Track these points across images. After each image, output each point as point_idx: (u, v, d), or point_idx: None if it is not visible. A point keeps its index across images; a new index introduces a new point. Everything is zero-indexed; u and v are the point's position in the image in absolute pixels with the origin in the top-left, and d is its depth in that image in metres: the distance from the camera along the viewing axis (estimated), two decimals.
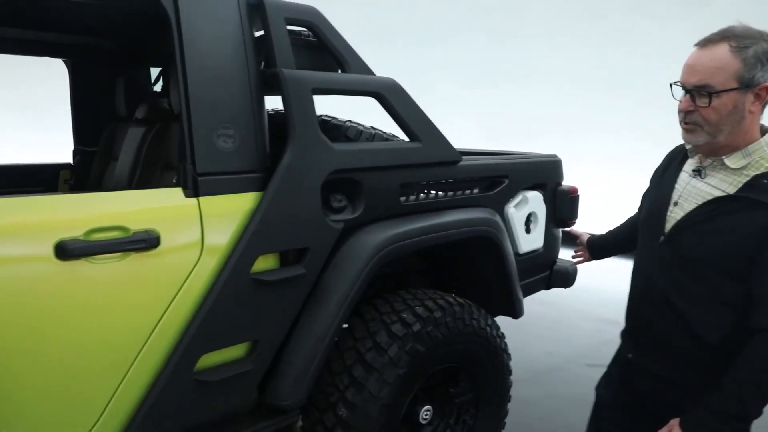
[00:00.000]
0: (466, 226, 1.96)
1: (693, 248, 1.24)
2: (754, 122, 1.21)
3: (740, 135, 1.21)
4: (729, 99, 1.16)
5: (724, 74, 1.15)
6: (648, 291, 1.35)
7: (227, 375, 1.44)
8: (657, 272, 1.31)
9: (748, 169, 1.21)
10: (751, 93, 1.17)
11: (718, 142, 1.22)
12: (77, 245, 1.19)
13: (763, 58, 1.14)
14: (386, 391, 1.66)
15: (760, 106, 1.19)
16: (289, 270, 1.53)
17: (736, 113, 1.17)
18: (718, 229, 1.20)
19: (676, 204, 1.31)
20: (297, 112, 1.55)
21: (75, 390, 1.25)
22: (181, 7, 1.36)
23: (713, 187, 1.24)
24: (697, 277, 1.24)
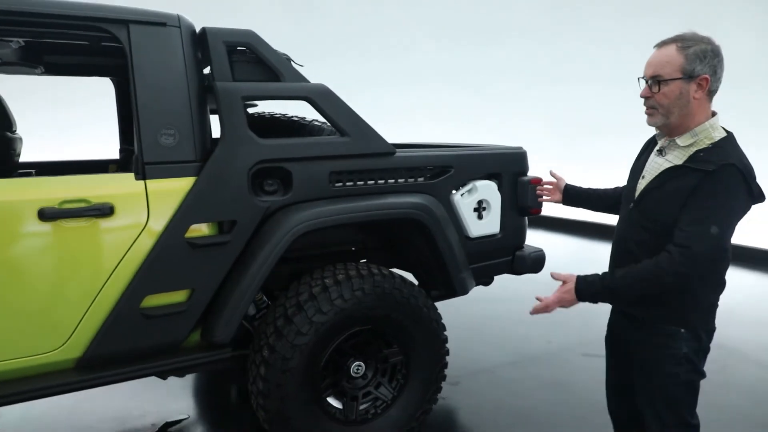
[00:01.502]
0: (390, 208, 2.28)
1: (651, 209, 1.60)
2: (701, 108, 1.54)
3: (689, 117, 1.54)
4: (675, 86, 1.52)
5: (671, 67, 1.52)
6: (622, 248, 1.71)
7: (166, 312, 1.94)
8: (629, 231, 1.68)
9: (693, 146, 1.55)
10: (694, 83, 1.51)
11: (672, 123, 1.57)
12: (52, 211, 1.75)
13: (701, 55, 1.49)
14: (300, 339, 2.06)
15: (703, 94, 1.52)
16: (216, 237, 1.99)
17: (682, 98, 1.52)
18: (667, 191, 1.55)
19: (643, 177, 1.67)
20: (227, 114, 2.00)
21: (54, 313, 1.81)
22: (132, 38, 1.87)
23: (668, 161, 1.59)
24: (654, 233, 1.58)
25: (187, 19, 2.03)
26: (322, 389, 2.22)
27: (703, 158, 1.50)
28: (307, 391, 2.12)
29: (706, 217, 1.46)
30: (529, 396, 3.00)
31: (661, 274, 1.50)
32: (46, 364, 1.82)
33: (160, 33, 1.91)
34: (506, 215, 2.74)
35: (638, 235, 1.64)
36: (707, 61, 1.50)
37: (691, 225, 1.48)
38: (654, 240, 1.58)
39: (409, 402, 2.38)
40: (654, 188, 1.60)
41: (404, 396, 2.38)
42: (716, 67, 1.52)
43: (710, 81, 1.51)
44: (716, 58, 1.52)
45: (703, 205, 1.47)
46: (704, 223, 1.46)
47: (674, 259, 1.47)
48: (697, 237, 1.46)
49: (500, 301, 4.61)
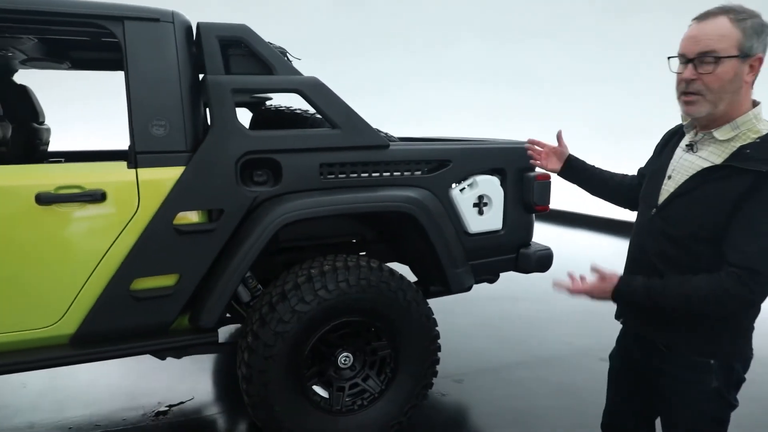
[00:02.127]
0: (378, 201, 2.27)
1: (680, 218, 1.33)
2: (747, 93, 1.29)
3: (736, 106, 1.28)
4: (730, 66, 1.24)
5: (728, 41, 1.23)
6: (639, 258, 1.45)
7: (154, 295, 2.03)
8: (648, 241, 1.41)
9: (735, 141, 1.28)
10: (747, 63, 1.25)
11: (718, 112, 1.29)
12: (48, 195, 1.87)
13: (759, 30, 1.23)
14: (282, 327, 2.10)
15: (752, 78, 1.27)
16: (202, 225, 2.06)
17: (735, 81, 1.25)
18: (704, 196, 1.28)
19: (669, 177, 1.40)
20: (216, 106, 2.07)
21: (50, 292, 1.94)
22: (126, 34, 1.96)
23: (703, 159, 1.32)
24: (682, 246, 1.32)
25: (182, 16, 2.10)
26: (307, 377, 2.25)
27: (753, 156, 1.23)
28: (290, 379, 2.16)
29: (763, 224, 1.21)
30: (531, 398, 2.91)
31: (724, 298, 1.24)
32: (42, 339, 1.96)
33: (153, 28, 2.00)
34: (510, 211, 2.67)
35: (661, 246, 1.38)
36: (763, 38, 1.24)
37: (754, 241, 1.21)
38: (680, 254, 1.34)
39: (396, 396, 2.38)
40: (685, 192, 1.33)
41: (392, 390, 2.37)
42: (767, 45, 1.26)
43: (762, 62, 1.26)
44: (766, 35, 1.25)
45: (759, 213, 1.21)
46: (763, 233, 1.21)
47: (742, 282, 1.21)
48: (757, 248, 1.21)
49: (524, 300, 4.51)
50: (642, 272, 1.42)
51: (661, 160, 1.49)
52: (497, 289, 4.49)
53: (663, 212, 1.39)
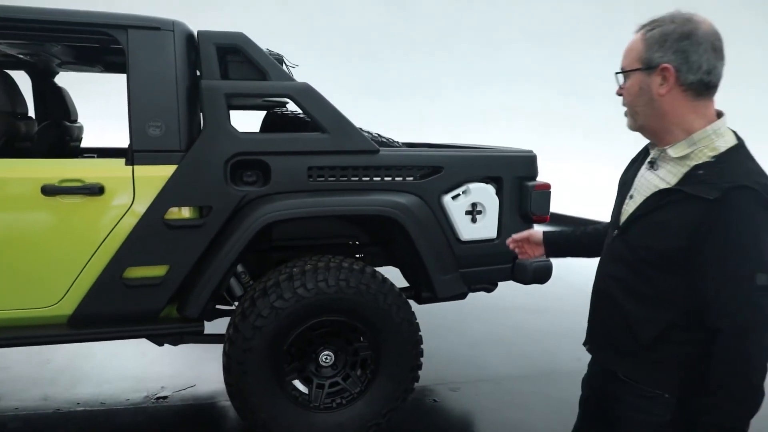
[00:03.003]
0: (361, 205, 2.33)
1: (637, 242, 1.23)
2: (681, 107, 1.17)
3: (663, 120, 1.19)
4: (636, 79, 1.19)
5: (632, 55, 1.20)
6: (599, 281, 1.36)
7: (144, 284, 2.18)
8: (608, 263, 1.32)
9: (690, 159, 1.17)
10: (657, 74, 1.16)
11: (646, 127, 1.23)
12: (52, 187, 2.06)
13: (662, 40, 1.14)
14: (260, 321, 2.19)
15: (671, 89, 1.15)
16: (190, 220, 2.19)
17: (643, 95, 1.18)
18: (658, 223, 1.18)
19: (631, 197, 1.30)
20: (209, 110, 2.20)
21: (52, 274, 2.12)
22: (129, 41, 2.13)
23: (660, 178, 1.22)
24: (638, 272, 1.23)
25: (182, 25, 2.25)
26: (287, 372, 2.33)
27: (704, 179, 1.12)
28: (267, 372, 2.24)
29: (734, 265, 1.09)
30: (527, 411, 2.86)
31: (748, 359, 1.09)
32: (43, 317, 2.15)
33: (154, 36, 2.15)
34: (506, 220, 2.64)
35: (619, 273, 1.27)
36: (669, 46, 1.13)
37: (722, 284, 1.10)
38: (636, 281, 1.23)
39: (375, 398, 2.41)
40: (642, 214, 1.23)
41: (371, 391, 2.41)
42: (688, 52, 1.12)
43: (678, 71, 1.13)
44: (686, 40, 1.12)
45: (725, 250, 1.09)
46: (740, 275, 1.09)
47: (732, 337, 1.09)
48: (740, 296, 1.09)
49: (539, 313, 4.41)
50: (599, 297, 1.36)
51: (627, 177, 1.37)
52: (512, 300, 4.44)
53: (623, 235, 1.28)
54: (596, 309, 1.38)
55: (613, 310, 1.29)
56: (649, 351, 1.22)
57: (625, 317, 1.25)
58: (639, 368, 1.26)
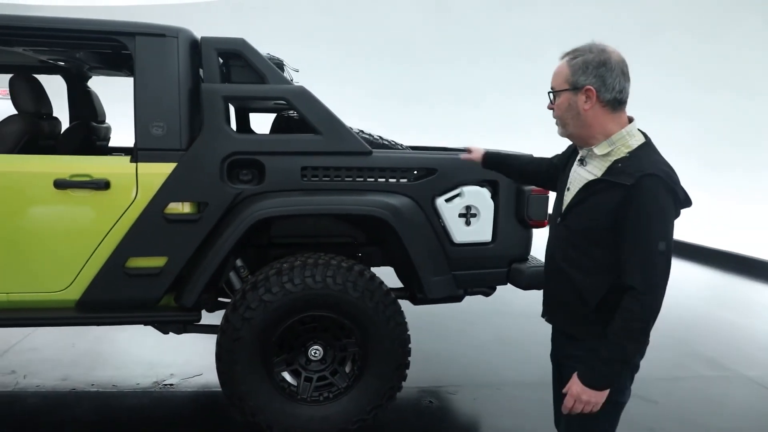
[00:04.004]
0: (349, 205, 2.39)
1: (576, 225, 1.52)
2: (601, 118, 1.47)
3: (588, 128, 1.49)
4: (564, 98, 1.50)
5: (560, 78, 1.50)
6: (551, 263, 1.65)
7: (143, 273, 2.33)
8: (556, 247, 1.61)
9: (611, 155, 1.47)
10: (582, 94, 1.46)
11: (573, 134, 1.54)
12: (63, 181, 2.24)
13: (584, 67, 1.45)
14: (249, 314, 2.29)
15: (593, 105, 1.46)
16: (187, 215, 2.33)
17: (571, 110, 1.49)
18: (590, 207, 1.48)
19: (568, 189, 1.59)
20: (208, 111, 2.33)
21: (62, 261, 2.31)
22: (137, 47, 2.29)
23: (589, 172, 1.51)
24: (581, 249, 1.51)
25: (187, 31, 2.39)
26: (275, 364, 2.42)
27: (621, 170, 1.42)
28: (256, 362, 2.34)
29: (644, 236, 1.38)
30: (523, 419, 2.83)
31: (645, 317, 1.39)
32: (54, 301, 2.33)
33: (159, 42, 2.31)
34: (502, 224, 2.64)
35: (566, 252, 1.56)
36: (590, 72, 1.44)
37: (635, 251, 1.39)
38: (579, 256, 1.52)
39: (362, 394, 2.46)
40: (578, 202, 1.52)
41: (358, 387, 2.46)
42: (605, 77, 1.44)
43: (598, 92, 1.44)
44: (603, 67, 1.44)
45: (637, 225, 1.39)
46: (647, 243, 1.38)
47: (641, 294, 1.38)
48: (648, 262, 1.38)
49: None
50: (552, 274, 1.64)
51: (564, 173, 1.66)
52: (522, 306, 4.36)
53: (565, 221, 1.57)
54: (550, 284, 1.67)
55: (564, 282, 1.57)
56: (595, 312, 1.49)
57: (574, 287, 1.53)
58: (587, 327, 1.53)
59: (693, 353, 3.88)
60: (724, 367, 3.67)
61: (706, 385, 3.37)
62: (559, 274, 1.58)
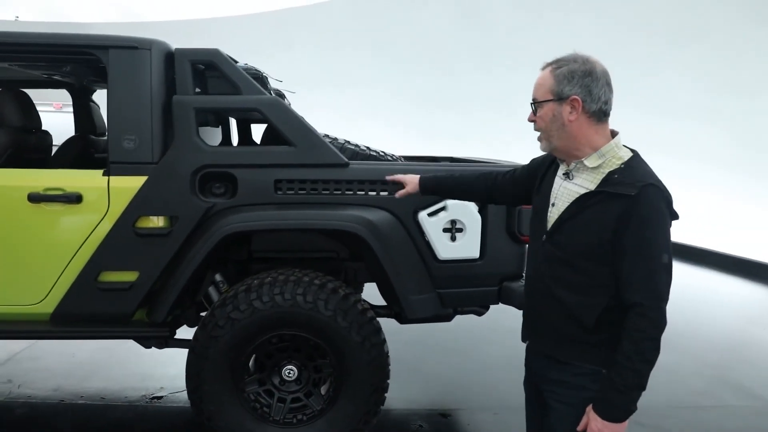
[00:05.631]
0: (324, 220, 2.30)
1: (569, 242, 1.44)
2: (587, 130, 1.43)
3: (573, 140, 1.44)
4: (548, 109, 1.44)
5: (543, 89, 1.45)
6: (536, 282, 1.55)
7: (115, 287, 2.30)
8: (542, 266, 1.51)
9: (603, 167, 1.42)
10: (567, 104, 1.41)
11: (558, 147, 1.47)
12: (37, 195, 2.25)
13: (570, 76, 1.40)
14: (217, 331, 2.22)
15: (578, 116, 1.41)
16: (157, 229, 2.29)
17: (555, 121, 1.44)
18: (585, 221, 1.41)
19: (553, 205, 1.51)
20: (179, 123, 2.29)
21: (37, 275, 2.31)
22: (110, 60, 2.28)
23: (579, 186, 1.45)
24: (573, 267, 1.43)
25: (161, 44, 2.37)
26: (246, 383, 2.34)
27: (620, 180, 1.37)
28: (224, 382, 2.26)
29: (649, 247, 1.34)
30: None
31: (655, 334, 1.33)
32: (29, 314, 2.34)
33: (131, 55, 2.29)
34: (491, 240, 2.48)
35: (555, 271, 1.47)
36: (576, 81, 1.40)
37: (639, 263, 1.34)
38: (570, 273, 1.44)
39: (337, 417, 2.34)
40: (569, 217, 1.44)
41: (333, 411, 2.35)
42: (590, 87, 1.40)
43: (584, 102, 1.39)
44: (588, 77, 1.39)
45: (641, 236, 1.34)
46: (652, 255, 1.34)
47: (649, 310, 1.32)
48: (654, 275, 1.33)
49: None
50: (537, 294, 1.54)
51: (543, 189, 1.57)
52: None
53: (552, 238, 1.48)
54: (534, 305, 1.57)
55: (551, 303, 1.48)
56: (591, 334, 1.42)
57: (564, 308, 1.45)
58: (580, 350, 1.45)
59: (723, 380, 3.55)
60: (755, 397, 3.33)
61: (732, 417, 3.06)
62: (546, 296, 1.49)
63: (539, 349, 1.56)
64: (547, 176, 1.58)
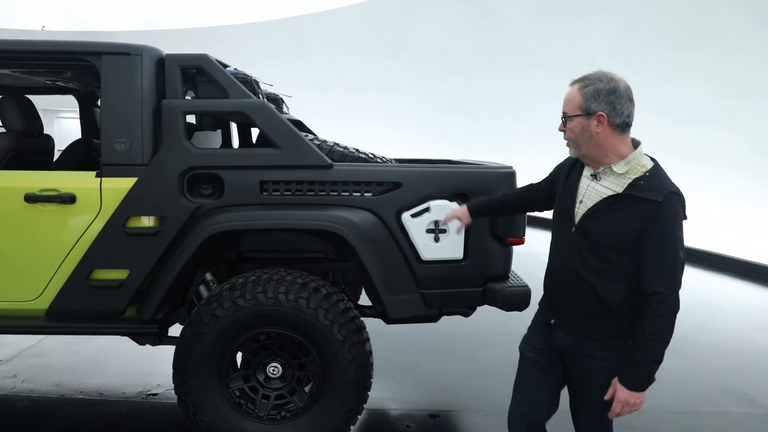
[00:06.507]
0: (307, 220, 2.34)
1: (598, 235, 1.67)
2: (612, 140, 1.66)
3: (600, 149, 1.67)
4: (577, 122, 1.67)
5: (573, 104, 1.68)
6: (565, 270, 1.77)
7: (106, 285, 2.38)
8: (572, 255, 1.74)
9: (630, 174, 1.65)
10: (594, 119, 1.64)
11: (586, 154, 1.71)
12: (33, 195, 2.34)
13: (596, 95, 1.63)
14: (201, 328, 2.28)
15: (604, 128, 1.64)
16: (146, 228, 2.36)
17: (584, 133, 1.67)
18: (614, 219, 1.64)
19: (581, 202, 1.74)
20: (168, 126, 2.36)
21: (33, 272, 2.40)
22: (103, 65, 2.37)
23: (606, 188, 1.68)
24: (601, 256, 1.67)
25: (153, 50, 2.45)
26: (231, 379, 2.39)
27: (647, 187, 1.61)
28: (209, 377, 2.32)
29: (671, 246, 1.59)
30: None
31: (672, 318, 1.59)
32: (26, 309, 2.43)
33: (124, 61, 2.37)
34: (475, 241, 2.49)
35: (585, 260, 1.70)
36: (602, 99, 1.62)
37: (663, 259, 1.58)
38: (598, 262, 1.67)
39: (319, 416, 2.37)
40: (598, 215, 1.67)
41: (316, 409, 2.38)
42: (614, 103, 1.62)
43: (609, 117, 1.62)
44: (613, 95, 1.62)
45: (665, 236, 1.59)
46: (673, 252, 1.59)
47: (668, 297, 1.58)
48: (674, 269, 1.59)
49: None
50: (567, 280, 1.76)
51: (569, 185, 1.81)
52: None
53: (582, 231, 1.71)
54: (563, 288, 1.79)
55: (581, 287, 1.71)
56: (614, 313, 1.67)
57: (594, 290, 1.68)
58: (607, 327, 1.70)
59: (724, 386, 3.48)
60: (756, 404, 3.25)
61: (729, 423, 3.00)
62: (577, 281, 1.72)
63: (566, 325, 1.79)
64: (572, 174, 1.82)
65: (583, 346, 1.74)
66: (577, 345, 1.76)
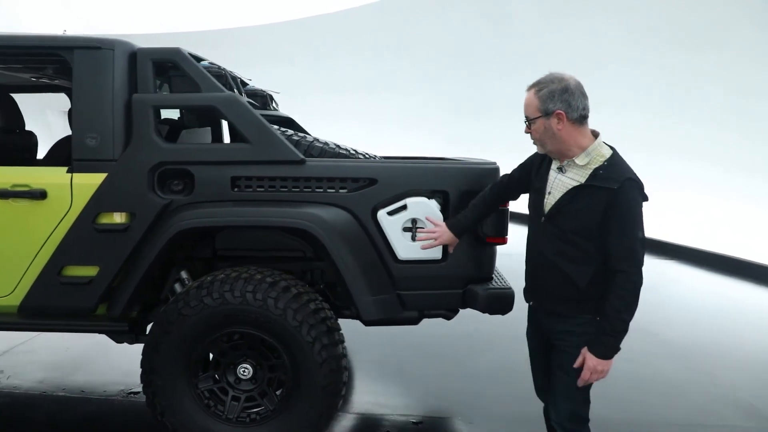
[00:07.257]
0: (276, 217, 2.27)
1: (565, 223, 1.83)
2: (574, 134, 1.80)
3: (565, 143, 1.81)
4: (540, 123, 1.82)
5: (532, 108, 1.83)
6: (539, 257, 1.94)
7: (76, 282, 2.35)
8: (544, 243, 1.91)
9: (590, 164, 1.80)
10: (553, 117, 1.78)
11: (552, 150, 1.86)
12: (4, 191, 2.33)
13: (551, 96, 1.77)
14: (167, 327, 2.23)
15: (564, 124, 1.78)
16: (115, 225, 2.32)
17: (547, 131, 1.82)
18: (578, 208, 1.80)
19: (549, 193, 1.89)
20: (137, 121, 2.32)
21: (8, 267, 2.38)
22: (75, 60, 2.34)
23: (571, 179, 1.83)
24: (570, 242, 1.83)
25: (126, 44, 2.41)
26: (199, 380, 2.33)
27: (605, 176, 1.76)
28: (176, 377, 2.27)
29: (630, 228, 1.75)
30: None
31: (636, 292, 1.75)
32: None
33: (95, 55, 2.35)
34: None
35: (556, 246, 1.86)
36: (557, 98, 1.76)
37: (623, 240, 1.74)
38: (569, 249, 1.83)
39: (290, 419, 2.30)
40: (564, 205, 1.83)
41: (287, 413, 2.31)
42: (569, 100, 1.76)
43: (567, 113, 1.76)
44: (566, 93, 1.76)
45: (624, 219, 1.74)
46: (633, 233, 1.75)
47: (632, 275, 1.74)
48: (634, 248, 1.75)
49: None
50: (541, 266, 1.93)
51: (540, 178, 1.95)
52: None
53: (551, 220, 1.87)
54: (538, 273, 1.96)
55: (554, 271, 1.87)
56: (584, 293, 1.83)
57: (564, 274, 1.85)
58: (578, 305, 1.86)
59: (728, 397, 3.29)
60: (762, 418, 3.07)
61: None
62: (548, 265, 1.89)
63: (543, 306, 1.96)
64: (542, 169, 1.96)
65: (559, 326, 1.90)
66: (554, 324, 1.92)
